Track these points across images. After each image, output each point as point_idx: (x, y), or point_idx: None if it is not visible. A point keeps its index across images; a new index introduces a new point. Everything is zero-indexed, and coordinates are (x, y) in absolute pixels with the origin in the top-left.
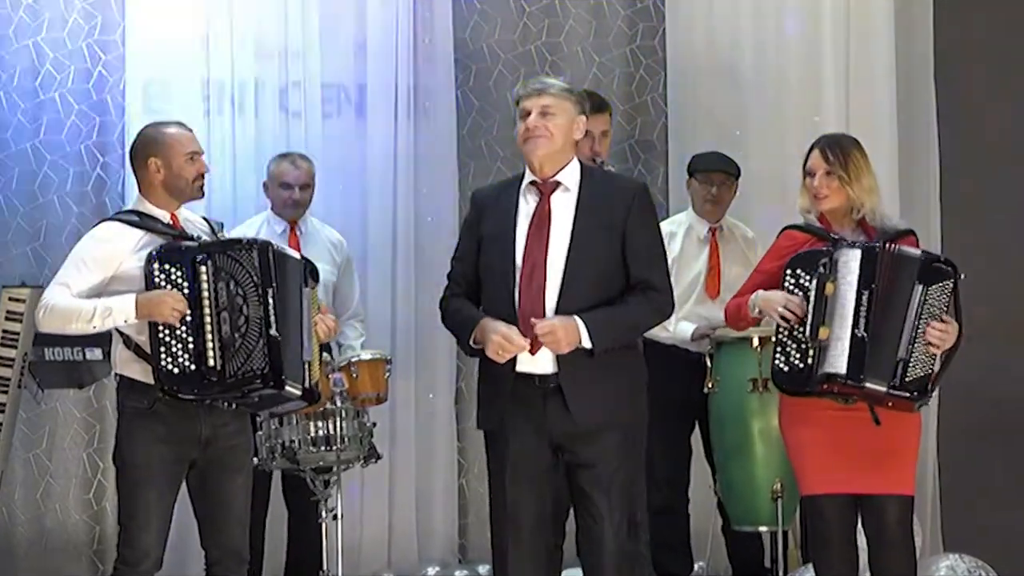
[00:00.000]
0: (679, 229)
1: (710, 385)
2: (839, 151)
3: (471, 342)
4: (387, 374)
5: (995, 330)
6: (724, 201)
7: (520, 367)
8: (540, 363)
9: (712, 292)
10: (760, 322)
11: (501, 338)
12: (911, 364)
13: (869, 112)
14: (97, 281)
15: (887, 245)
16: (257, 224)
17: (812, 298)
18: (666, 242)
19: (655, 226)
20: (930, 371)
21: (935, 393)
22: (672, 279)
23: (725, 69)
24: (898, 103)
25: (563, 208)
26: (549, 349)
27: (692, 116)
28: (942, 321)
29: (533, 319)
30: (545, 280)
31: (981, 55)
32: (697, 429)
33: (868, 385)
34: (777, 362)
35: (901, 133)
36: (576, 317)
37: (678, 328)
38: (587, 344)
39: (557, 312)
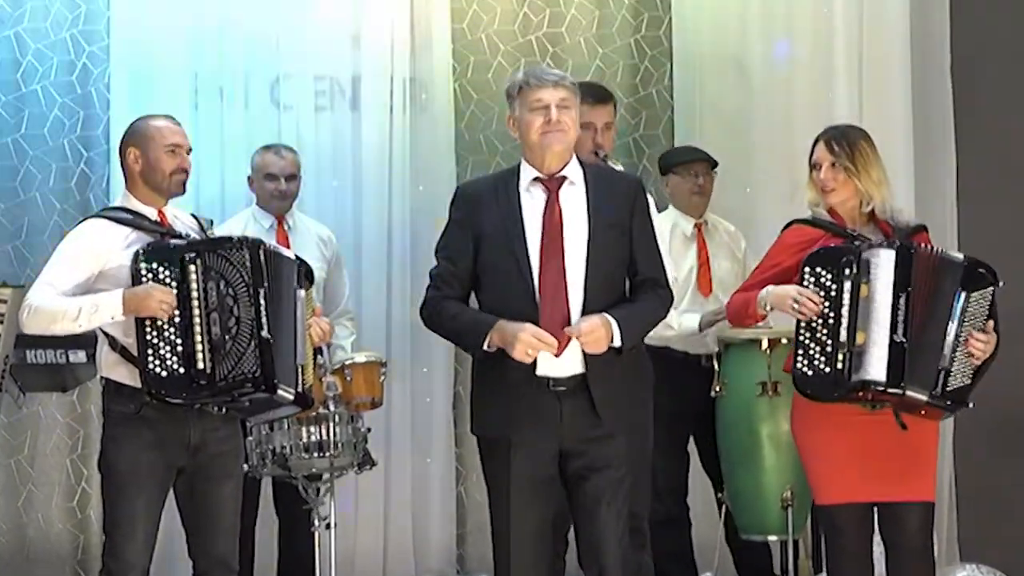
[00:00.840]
0: (664, 228)
1: (717, 388)
2: (845, 142)
3: (485, 346)
4: (382, 377)
5: (1015, 332)
6: (709, 192)
7: (541, 370)
8: (566, 364)
9: (705, 290)
10: (766, 319)
11: (531, 337)
12: (952, 373)
13: (883, 104)
14: (82, 280)
15: (924, 247)
16: (243, 220)
17: (846, 300)
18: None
19: (652, 221)
20: (968, 381)
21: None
22: None
23: (733, 61)
24: (913, 95)
25: (573, 205)
26: (588, 350)
27: (698, 109)
28: (983, 331)
29: (573, 326)
30: (566, 279)
31: (999, 44)
32: (694, 436)
33: (909, 393)
34: (799, 366)
35: (916, 126)
36: (607, 315)
37: (683, 322)
38: (618, 342)
39: (583, 312)
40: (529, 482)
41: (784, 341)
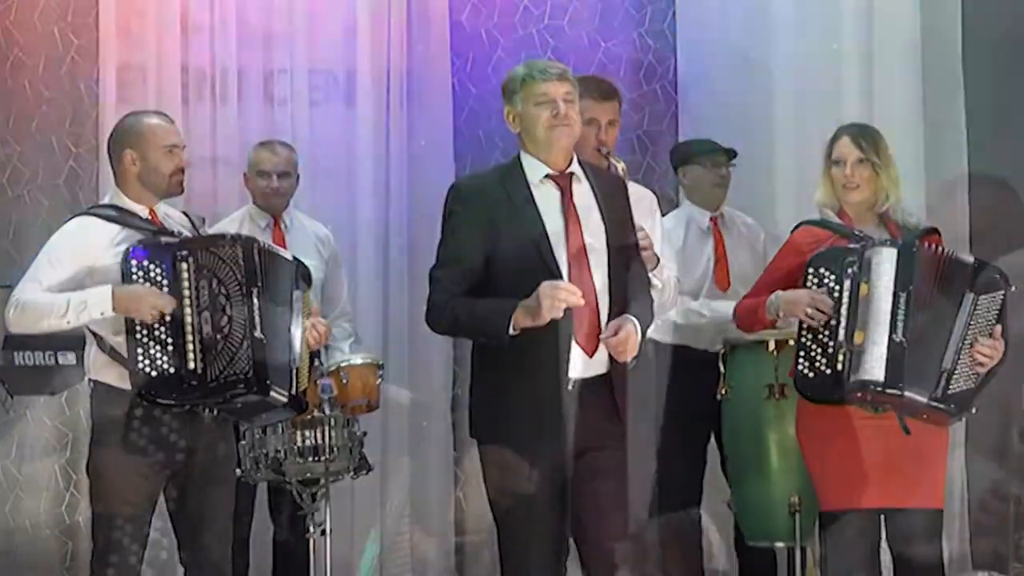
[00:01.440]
0: (679, 224)
1: (723, 391)
2: (870, 138)
3: (511, 328)
4: (379, 380)
5: None
6: (728, 184)
7: (574, 372)
8: (596, 365)
9: (723, 285)
10: (776, 324)
11: (552, 289)
12: (955, 376)
13: (893, 101)
14: (71, 278)
15: (930, 246)
16: (239, 219)
17: (846, 299)
18: (670, 237)
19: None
20: (972, 386)
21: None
22: (680, 275)
23: (739, 55)
24: (924, 91)
25: (585, 201)
26: (621, 358)
27: (704, 105)
28: (990, 336)
29: (611, 335)
30: (593, 280)
31: (1012, 39)
32: (716, 437)
33: (908, 394)
34: (800, 367)
35: (927, 123)
36: (632, 319)
37: (716, 308)
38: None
39: (609, 312)
40: (551, 489)
41: (791, 343)
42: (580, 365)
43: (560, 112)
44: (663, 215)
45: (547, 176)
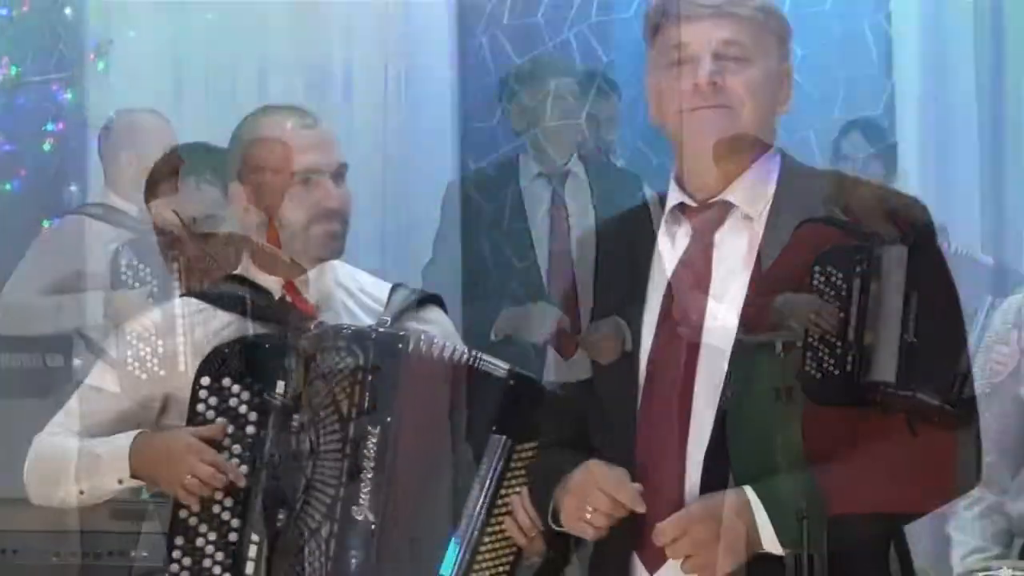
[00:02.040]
0: None
1: (728, 394)
2: (880, 133)
3: (493, 335)
4: None
5: None
6: None
7: (551, 375)
8: (576, 370)
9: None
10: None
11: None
12: (968, 379)
13: (904, 95)
14: (60, 279)
15: (943, 244)
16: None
17: (855, 298)
18: None
19: None
20: (986, 391)
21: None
22: None
23: None
24: (935, 83)
25: (579, 198)
26: (599, 359)
27: None
28: (1006, 340)
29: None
30: (576, 283)
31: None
32: None
33: (920, 396)
34: (808, 368)
35: (938, 113)
36: (617, 319)
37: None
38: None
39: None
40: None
41: (799, 344)
42: (556, 369)
43: (571, 107)
44: None
45: (540, 174)
